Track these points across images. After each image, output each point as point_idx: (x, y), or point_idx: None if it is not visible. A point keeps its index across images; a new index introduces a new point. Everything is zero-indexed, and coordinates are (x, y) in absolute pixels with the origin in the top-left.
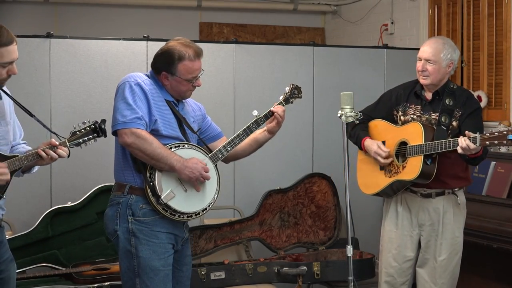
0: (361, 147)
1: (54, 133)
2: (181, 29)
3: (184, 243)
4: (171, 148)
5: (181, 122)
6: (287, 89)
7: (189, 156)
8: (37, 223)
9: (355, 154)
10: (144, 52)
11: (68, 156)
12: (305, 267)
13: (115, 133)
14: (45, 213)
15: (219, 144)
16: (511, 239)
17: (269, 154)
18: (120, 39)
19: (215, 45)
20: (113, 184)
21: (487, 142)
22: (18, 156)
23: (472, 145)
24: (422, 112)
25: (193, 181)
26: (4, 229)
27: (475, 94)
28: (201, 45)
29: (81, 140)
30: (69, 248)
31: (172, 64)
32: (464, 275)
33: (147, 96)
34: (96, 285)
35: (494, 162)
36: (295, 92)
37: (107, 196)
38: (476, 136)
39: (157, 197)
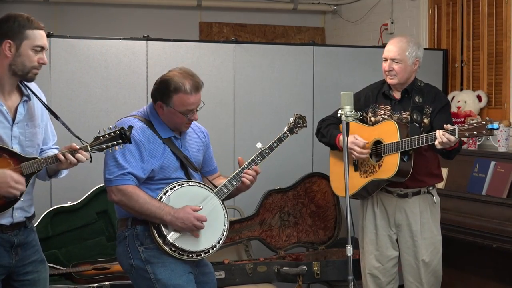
0: (334, 145)
1: (78, 137)
2: (181, 29)
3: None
4: (174, 187)
5: (183, 161)
6: (291, 119)
7: (192, 194)
8: (37, 223)
9: None
10: (144, 51)
11: (91, 161)
12: (305, 267)
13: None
14: (45, 213)
15: (211, 179)
16: (511, 239)
17: None
18: (120, 39)
19: (215, 45)
20: None
21: (466, 134)
22: (37, 158)
23: (452, 138)
24: (392, 112)
25: (187, 231)
26: (34, 231)
27: (475, 93)
28: (201, 45)
29: (104, 146)
30: (69, 247)
31: (167, 95)
32: (464, 275)
33: (140, 148)
34: (96, 284)
35: (494, 162)
36: (300, 122)
37: (107, 195)
38: (455, 129)
39: (163, 237)
